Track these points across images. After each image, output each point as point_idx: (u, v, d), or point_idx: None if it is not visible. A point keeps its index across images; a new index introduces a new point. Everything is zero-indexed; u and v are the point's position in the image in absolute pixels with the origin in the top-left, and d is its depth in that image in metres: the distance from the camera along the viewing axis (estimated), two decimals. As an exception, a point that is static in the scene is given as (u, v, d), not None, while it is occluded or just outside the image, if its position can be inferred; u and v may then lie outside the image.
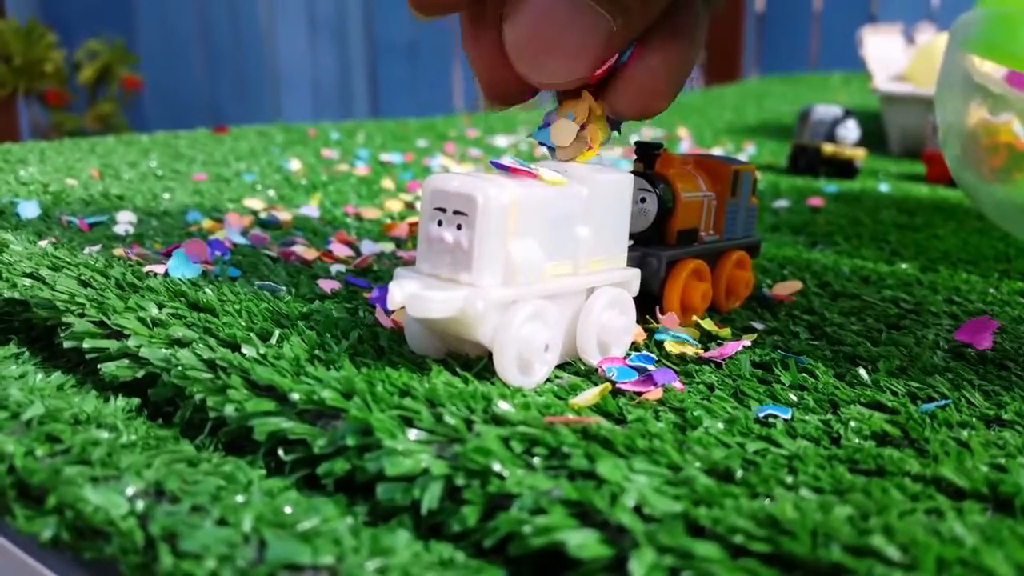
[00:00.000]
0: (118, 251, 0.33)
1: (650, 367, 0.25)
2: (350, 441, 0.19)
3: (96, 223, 0.40)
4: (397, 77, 2.43)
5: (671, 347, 0.26)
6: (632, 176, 0.26)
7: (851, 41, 0.92)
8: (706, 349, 0.27)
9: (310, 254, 0.36)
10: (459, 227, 0.22)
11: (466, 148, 0.75)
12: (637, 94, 0.24)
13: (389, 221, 0.44)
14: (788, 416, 0.22)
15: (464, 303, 0.22)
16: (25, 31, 2.06)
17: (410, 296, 0.22)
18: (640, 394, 0.23)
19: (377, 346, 0.24)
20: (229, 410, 0.21)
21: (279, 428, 0.20)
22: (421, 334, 0.24)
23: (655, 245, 0.29)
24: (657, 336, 0.27)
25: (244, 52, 2.42)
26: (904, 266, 0.40)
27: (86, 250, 0.33)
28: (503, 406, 0.20)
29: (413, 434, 0.19)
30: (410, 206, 0.50)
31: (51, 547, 0.19)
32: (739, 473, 0.19)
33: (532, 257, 0.23)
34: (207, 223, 0.41)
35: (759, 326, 0.30)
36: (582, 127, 0.25)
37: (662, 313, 0.28)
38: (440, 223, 0.23)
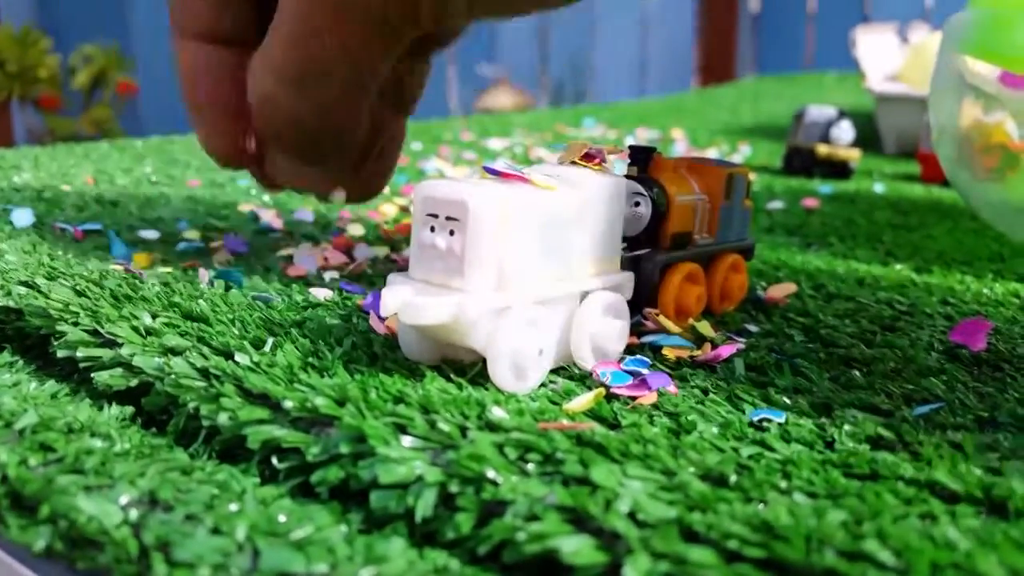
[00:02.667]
0: (114, 265, 0.33)
1: (644, 371, 0.25)
2: (344, 449, 0.19)
3: (90, 231, 0.40)
4: (393, 80, 2.43)
5: (668, 351, 0.26)
6: (625, 180, 0.26)
7: (845, 41, 0.92)
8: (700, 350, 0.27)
9: (304, 260, 0.36)
10: (451, 233, 0.22)
11: (460, 151, 0.75)
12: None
13: (384, 225, 0.44)
14: (782, 420, 0.22)
15: (457, 309, 0.22)
16: (19, 36, 2.06)
17: (403, 303, 0.22)
18: (634, 398, 0.23)
19: (371, 353, 0.24)
20: (223, 418, 0.21)
21: (272, 436, 0.20)
22: (415, 340, 0.24)
23: (649, 249, 0.29)
24: (651, 340, 0.27)
25: (239, 56, 2.41)
26: (899, 267, 0.40)
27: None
28: (497, 412, 0.20)
29: (407, 441, 0.19)
30: (405, 210, 0.50)
31: (44, 557, 0.18)
32: (733, 478, 0.19)
33: (525, 262, 0.23)
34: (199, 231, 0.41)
35: (753, 329, 0.30)
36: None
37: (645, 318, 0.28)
38: (432, 229, 0.23)
